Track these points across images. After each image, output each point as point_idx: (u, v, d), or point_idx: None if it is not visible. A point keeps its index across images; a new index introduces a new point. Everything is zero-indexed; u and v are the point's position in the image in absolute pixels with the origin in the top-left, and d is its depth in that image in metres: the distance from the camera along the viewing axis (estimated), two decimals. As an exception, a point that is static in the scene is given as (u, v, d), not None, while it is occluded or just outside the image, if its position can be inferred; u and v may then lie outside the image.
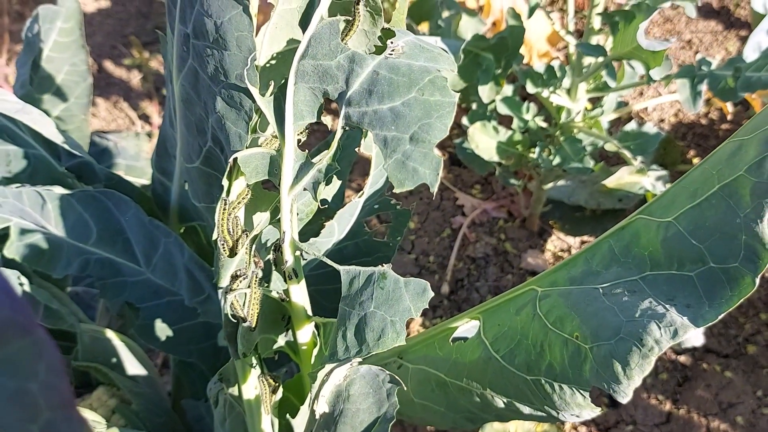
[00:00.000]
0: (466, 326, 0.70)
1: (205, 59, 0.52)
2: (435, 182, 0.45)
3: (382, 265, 0.52)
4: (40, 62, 1.01)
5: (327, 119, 1.99)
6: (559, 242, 1.74)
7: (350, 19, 0.52)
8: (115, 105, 2.15)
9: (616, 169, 1.53)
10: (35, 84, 1.02)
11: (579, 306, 0.58)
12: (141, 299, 0.83)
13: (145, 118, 2.09)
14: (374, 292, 0.51)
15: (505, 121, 1.60)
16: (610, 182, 1.10)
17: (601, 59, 1.07)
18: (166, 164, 0.75)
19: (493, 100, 1.17)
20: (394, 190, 0.46)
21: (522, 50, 1.18)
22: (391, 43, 0.47)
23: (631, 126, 1.38)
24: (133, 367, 0.86)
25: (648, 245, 0.57)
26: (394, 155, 0.46)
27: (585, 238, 1.74)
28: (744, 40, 2.19)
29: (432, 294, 0.50)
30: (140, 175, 1.51)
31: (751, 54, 1.52)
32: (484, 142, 1.33)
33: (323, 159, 0.51)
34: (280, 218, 0.55)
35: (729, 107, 1.83)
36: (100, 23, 2.42)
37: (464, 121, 1.38)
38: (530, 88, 1.18)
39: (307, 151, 0.52)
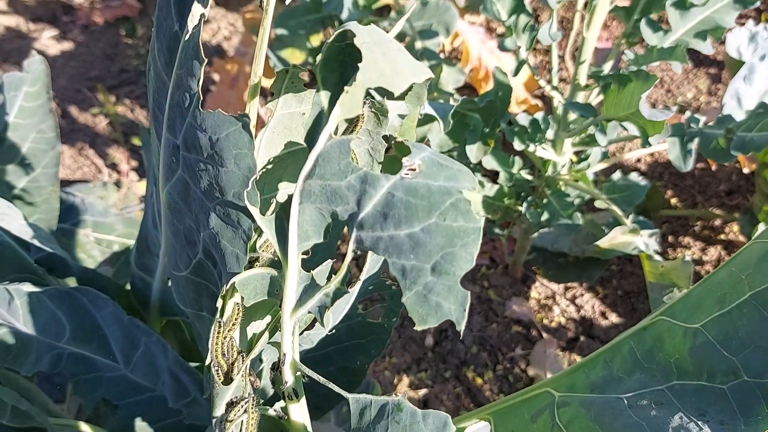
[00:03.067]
0: (475, 427, 0.65)
1: (197, 173, 0.47)
2: (462, 319, 0.41)
3: (396, 394, 0.47)
4: (5, 134, 0.94)
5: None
6: (543, 289, 1.71)
7: (354, 119, 0.48)
8: (80, 152, 2.07)
9: (602, 218, 1.51)
10: (1, 158, 0.95)
11: (604, 420, 0.54)
12: (119, 396, 0.76)
13: (113, 166, 2.02)
14: (389, 427, 0.46)
15: (491, 174, 1.57)
16: (604, 243, 1.08)
17: (590, 118, 1.05)
18: (148, 262, 0.69)
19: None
20: (415, 327, 0.41)
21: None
22: (407, 160, 0.43)
23: (617, 176, 1.37)
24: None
25: (674, 351, 0.54)
26: (414, 287, 0.42)
27: (569, 284, 1.72)
28: (714, 77, 2.22)
29: (454, 428, 0.46)
30: (108, 232, 1.45)
31: (729, 101, 1.53)
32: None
33: (332, 283, 0.46)
34: (279, 338, 0.50)
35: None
36: (64, 65, 2.34)
37: (448, 174, 1.35)
38: (518, 146, 1.15)
39: (312, 273, 0.47)
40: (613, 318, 1.65)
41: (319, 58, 0.42)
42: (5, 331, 0.76)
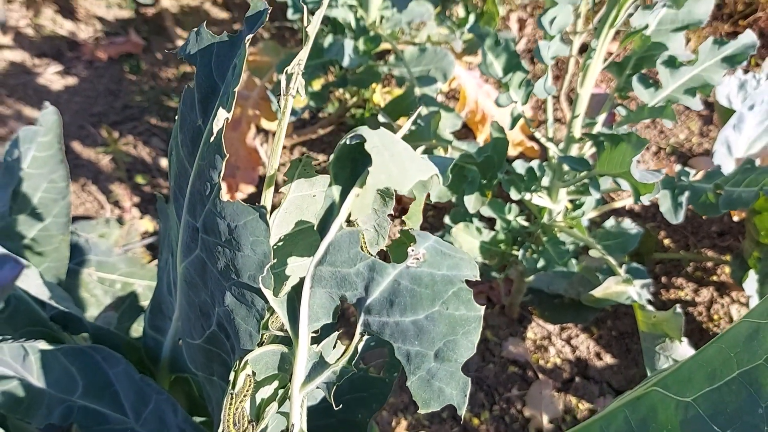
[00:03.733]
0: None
1: (215, 254, 0.50)
2: (463, 404, 0.43)
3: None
4: (20, 189, 0.97)
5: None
6: (539, 329, 1.73)
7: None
8: (83, 188, 2.10)
9: (596, 262, 1.54)
10: (14, 210, 0.98)
11: (598, 487, 0.56)
12: (128, 449, 0.79)
13: (116, 202, 2.04)
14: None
15: (487, 220, 1.61)
16: (597, 293, 1.11)
17: (585, 173, 1.08)
18: (161, 323, 0.72)
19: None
20: (419, 411, 0.44)
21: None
22: (412, 250, 0.46)
23: (611, 223, 1.40)
24: None
25: (666, 422, 0.56)
26: (418, 372, 0.45)
27: (565, 325, 1.74)
28: (705, 119, 2.27)
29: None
30: (112, 271, 1.47)
31: (719, 148, 1.57)
32: (468, 242, 1.33)
33: (339, 362, 0.49)
34: (288, 408, 0.53)
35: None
36: (68, 101, 2.38)
37: (446, 219, 1.38)
38: (514, 195, 1.19)
39: (320, 350, 0.50)
40: (608, 359, 1.67)
41: (332, 157, 0.45)
42: (17, 383, 0.79)
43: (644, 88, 1.15)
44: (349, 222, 0.46)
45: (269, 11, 0.45)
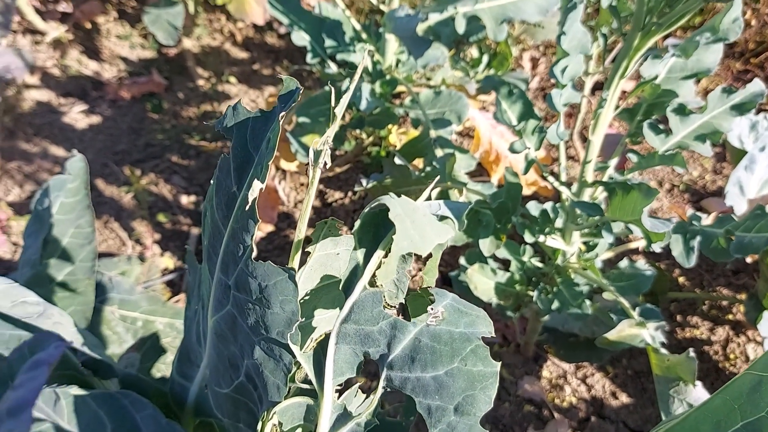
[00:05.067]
0: None
1: (245, 311, 0.53)
2: (481, 458, 0.46)
3: None
4: (50, 236, 1.01)
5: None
6: (554, 368, 1.74)
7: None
8: (105, 225, 2.15)
9: (611, 303, 1.56)
10: (44, 255, 1.02)
11: None
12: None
13: (137, 240, 2.09)
14: None
15: (502, 260, 1.63)
16: (611, 335, 1.12)
17: (597, 218, 1.11)
18: (188, 370, 0.75)
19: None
20: (440, 466, 0.46)
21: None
22: (431, 309, 0.49)
23: (624, 264, 1.42)
24: None
25: (675, 473, 0.58)
26: (439, 425, 0.47)
27: (580, 364, 1.75)
28: (719, 156, 2.29)
29: None
30: (133, 309, 1.50)
31: (732, 189, 1.59)
32: (483, 283, 1.36)
33: (363, 414, 0.52)
34: (313, 456, 0.55)
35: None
36: (92, 139, 2.45)
37: (462, 260, 1.41)
38: (528, 238, 1.21)
39: (344, 402, 0.53)
40: (624, 398, 1.67)
41: (356, 224, 0.48)
42: (48, 426, 0.81)
43: (655, 135, 1.18)
44: (372, 283, 0.49)
45: (301, 91, 0.49)
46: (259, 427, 0.55)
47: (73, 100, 2.60)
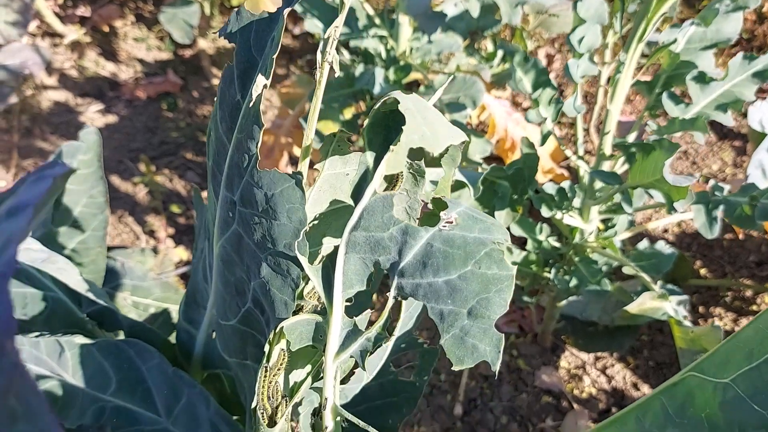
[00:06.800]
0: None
1: (252, 226, 0.51)
2: (497, 360, 0.43)
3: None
4: (62, 199, 1.01)
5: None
6: (572, 358, 1.70)
7: (394, 179, 0.52)
8: (120, 219, 2.15)
9: (630, 286, 1.52)
10: (55, 221, 1.01)
11: (637, 473, 0.55)
12: (159, 449, 0.79)
13: (151, 233, 2.09)
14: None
15: (518, 241, 1.60)
16: (632, 308, 1.09)
17: (616, 186, 1.08)
18: (195, 315, 0.73)
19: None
20: (453, 368, 0.44)
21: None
22: (444, 214, 0.47)
23: (644, 244, 1.38)
24: None
25: (704, 406, 0.55)
26: (452, 330, 0.45)
27: (600, 354, 1.71)
28: (738, 150, 2.25)
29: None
30: (146, 295, 1.49)
31: (753, 171, 1.55)
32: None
33: (373, 328, 0.49)
34: (321, 384, 0.53)
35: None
36: (108, 138, 2.46)
37: (477, 241, 1.38)
38: (545, 213, 1.19)
39: (354, 318, 0.51)
40: (645, 389, 1.62)
41: (366, 122, 0.46)
42: (55, 383, 0.80)
43: (674, 105, 1.15)
44: (391, 187, 0.47)
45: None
46: (266, 349, 0.53)
47: (90, 100, 2.62)
